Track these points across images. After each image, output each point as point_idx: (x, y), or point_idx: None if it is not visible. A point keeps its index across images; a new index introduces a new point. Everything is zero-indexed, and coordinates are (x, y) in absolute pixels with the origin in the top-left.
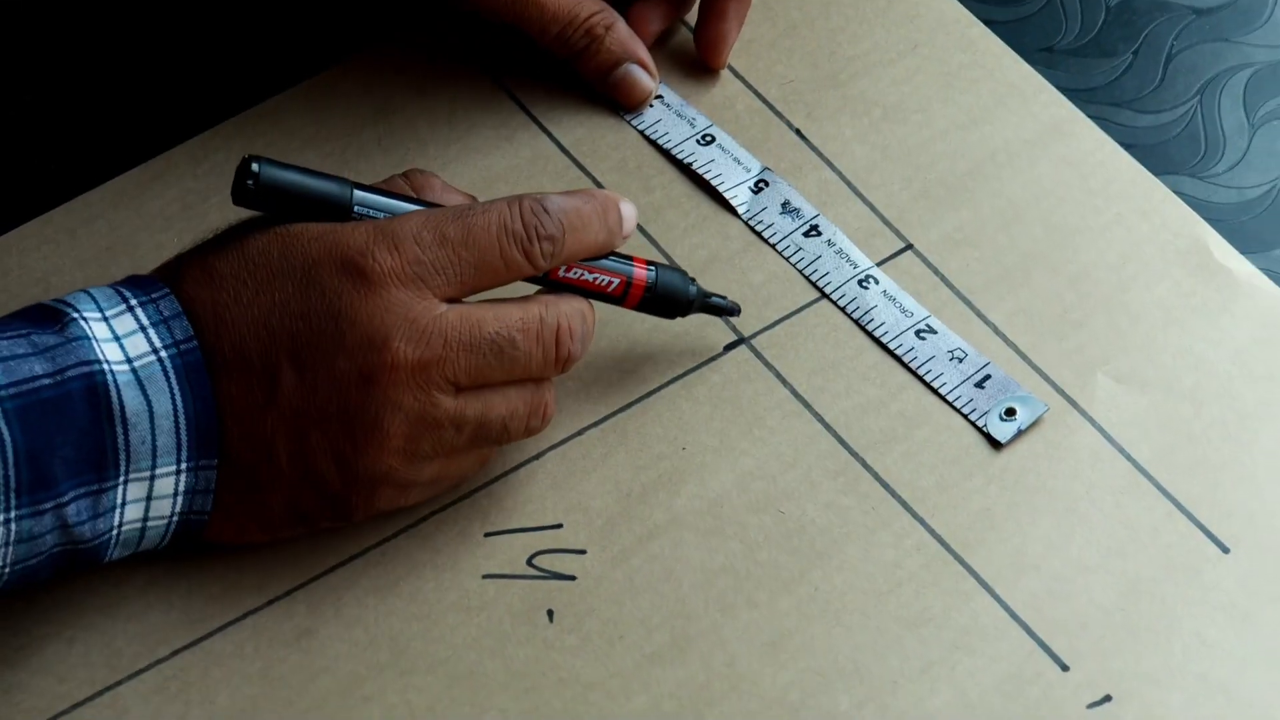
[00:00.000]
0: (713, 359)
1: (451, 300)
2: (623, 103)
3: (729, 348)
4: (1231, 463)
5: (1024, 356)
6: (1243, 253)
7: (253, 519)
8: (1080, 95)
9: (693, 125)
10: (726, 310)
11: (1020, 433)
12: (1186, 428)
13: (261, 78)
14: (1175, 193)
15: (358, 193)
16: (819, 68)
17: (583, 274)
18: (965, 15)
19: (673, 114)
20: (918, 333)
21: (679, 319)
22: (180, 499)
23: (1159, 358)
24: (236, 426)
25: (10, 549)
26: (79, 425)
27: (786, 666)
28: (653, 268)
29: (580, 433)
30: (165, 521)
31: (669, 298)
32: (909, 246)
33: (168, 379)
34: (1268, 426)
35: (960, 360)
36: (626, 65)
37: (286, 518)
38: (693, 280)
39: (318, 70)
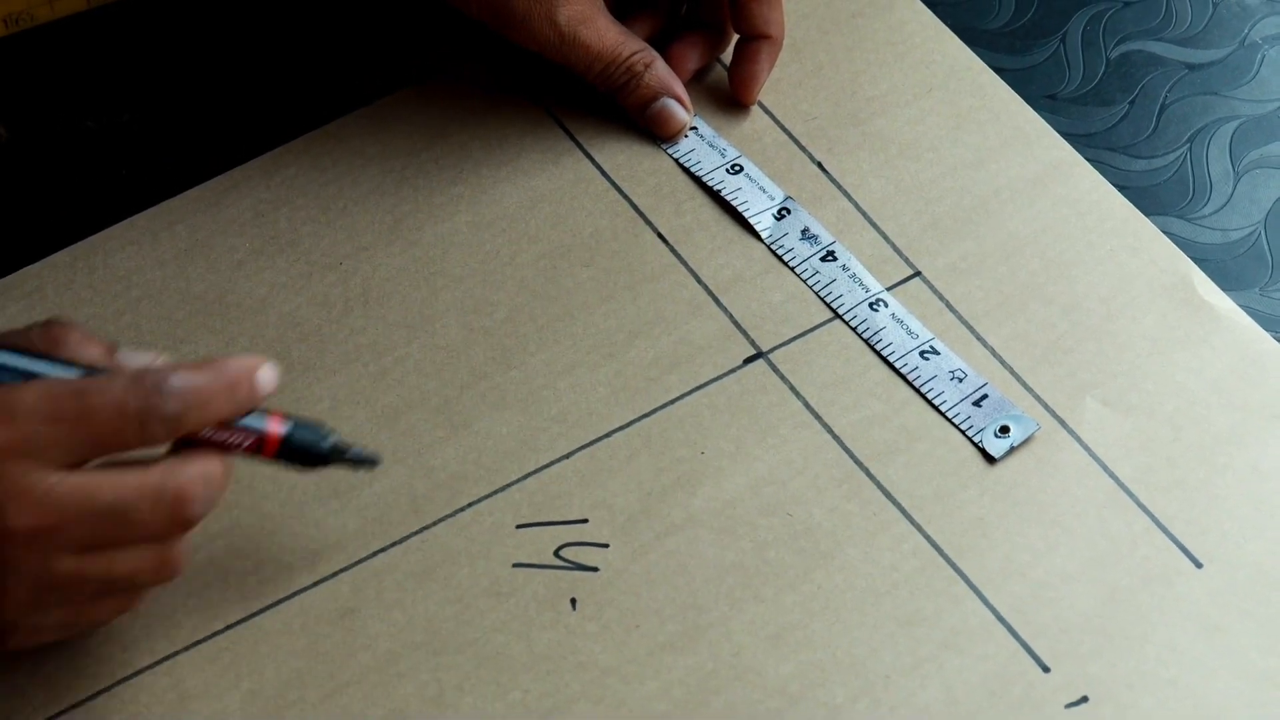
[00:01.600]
0: (732, 371)
1: (70, 468)
2: (659, 134)
3: (748, 361)
4: (1206, 484)
5: (1019, 378)
6: (1224, 290)
7: None
8: (1080, 140)
9: (723, 155)
10: (365, 462)
11: (1013, 449)
12: (1166, 450)
13: (332, 100)
14: (1164, 232)
15: None
16: (841, 106)
17: (214, 433)
18: (977, 63)
19: (705, 144)
20: (922, 353)
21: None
22: None
23: (1143, 384)
24: None
25: None
26: None
27: (788, 659)
28: (290, 422)
29: (607, 435)
30: None
31: (304, 451)
32: (917, 273)
33: None
34: (1241, 451)
35: (960, 380)
36: (664, 100)
37: None
38: (330, 433)
39: (384, 95)
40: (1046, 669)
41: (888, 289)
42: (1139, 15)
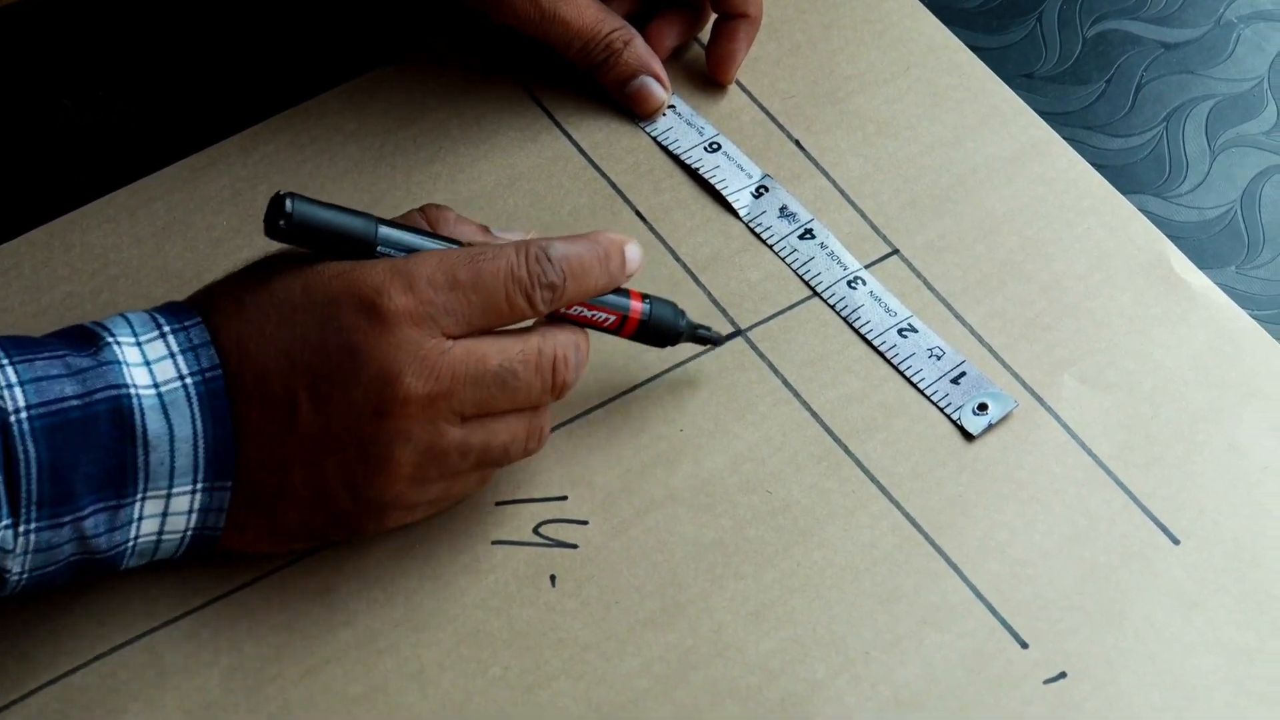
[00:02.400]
0: (711, 349)
1: (457, 338)
2: (637, 111)
3: (726, 339)
4: (1184, 461)
5: (997, 356)
6: (1201, 268)
7: (266, 534)
8: (1056, 119)
9: (701, 134)
10: (711, 340)
11: (991, 426)
12: (1144, 427)
13: (310, 77)
14: (1141, 211)
15: (382, 229)
16: (818, 85)
17: (581, 310)
18: (954, 41)
19: (683, 123)
20: (900, 331)
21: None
22: (195, 515)
23: (1121, 362)
24: (255, 449)
25: (29, 556)
26: (103, 445)
27: (769, 635)
28: (648, 301)
29: (587, 413)
30: (180, 535)
31: (661, 330)
32: (895, 251)
33: (190, 405)
34: (1218, 428)
35: (938, 358)
36: (642, 78)
37: (299, 533)
38: (683, 313)
39: (362, 73)
40: (1025, 645)
41: (866, 267)
42: None
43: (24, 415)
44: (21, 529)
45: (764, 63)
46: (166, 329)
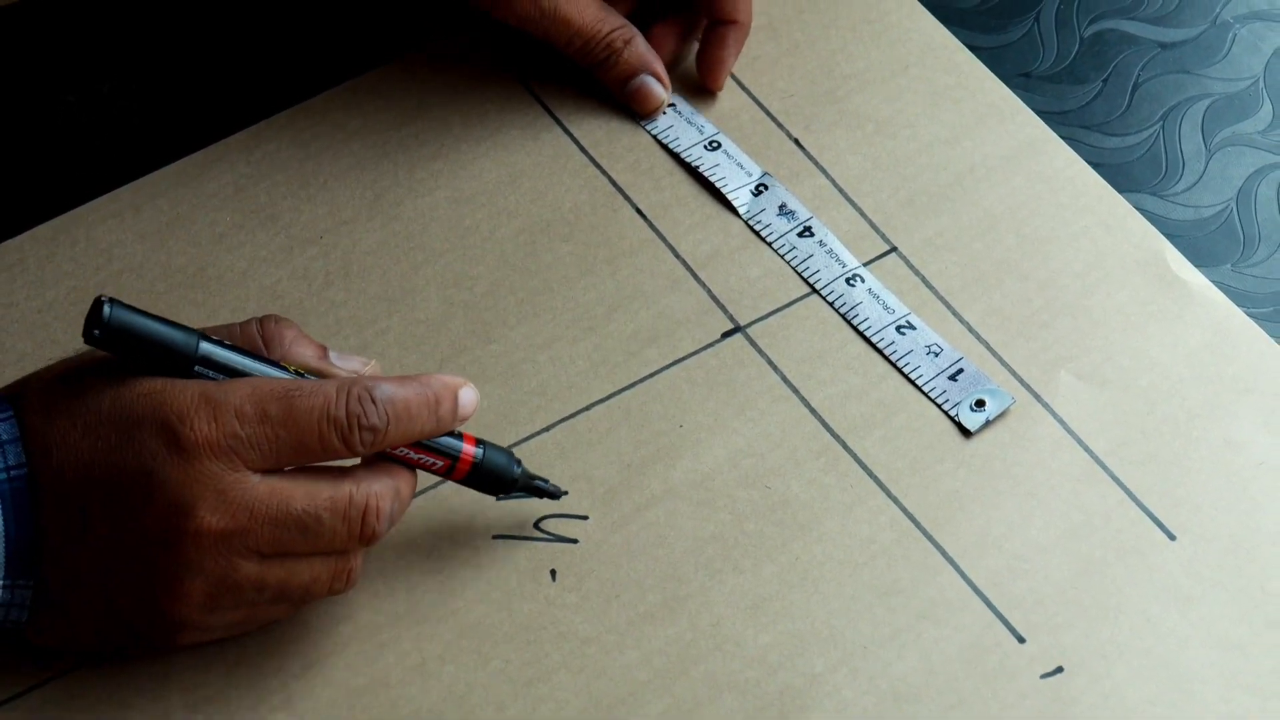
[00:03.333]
0: (710, 345)
1: (264, 472)
2: (638, 110)
3: (726, 335)
4: (1180, 457)
5: (994, 353)
6: (1197, 266)
7: (66, 637)
8: (1054, 117)
9: (701, 132)
10: (548, 494)
11: (988, 422)
12: (1140, 423)
13: (312, 75)
14: (1137, 209)
15: (203, 346)
16: (818, 84)
17: (408, 452)
18: (952, 41)
19: (684, 121)
20: (898, 328)
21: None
22: None
23: (1117, 359)
24: (50, 554)
25: None
26: None
27: (767, 629)
28: (481, 446)
29: (587, 408)
30: None
31: (493, 477)
32: (894, 249)
33: None
34: (1214, 424)
35: (936, 355)
36: (643, 76)
37: (95, 641)
38: (518, 462)
39: (364, 71)
40: (1022, 639)
41: (864, 264)
42: None
43: None
44: None
45: (763, 62)
46: None
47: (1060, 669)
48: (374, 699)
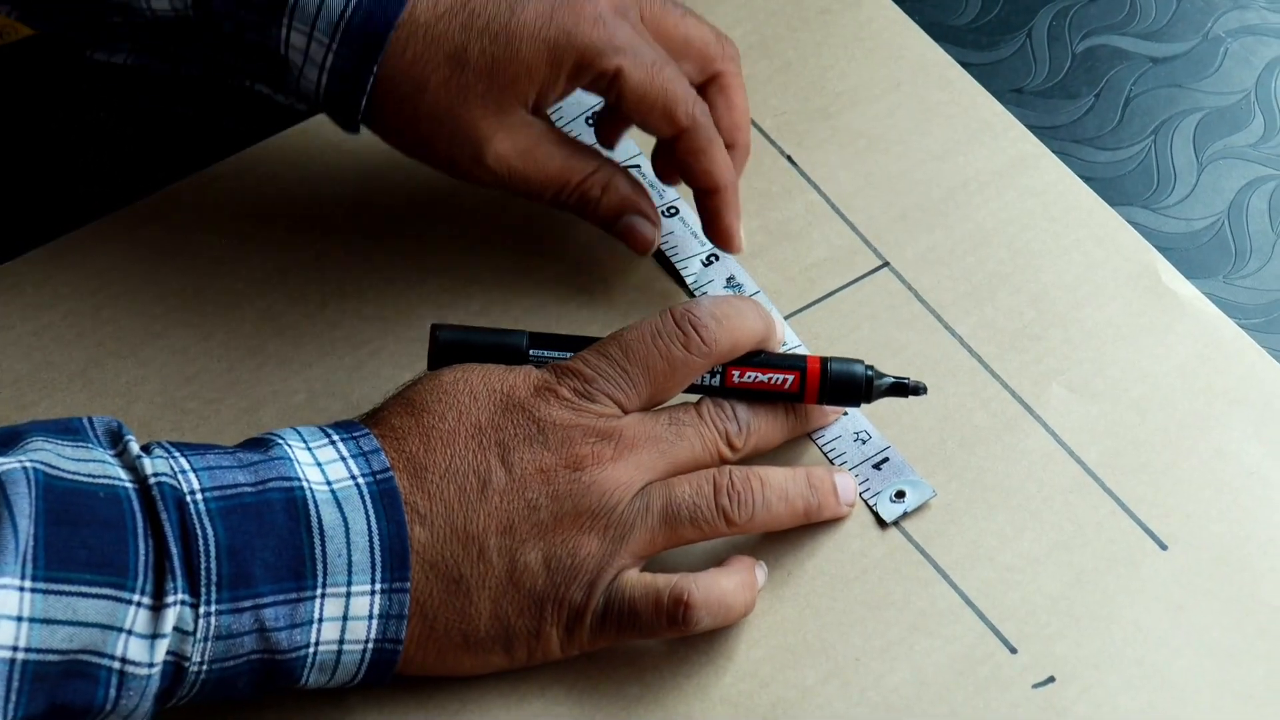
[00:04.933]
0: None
1: (627, 411)
2: (630, 247)
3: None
4: (1171, 467)
5: (987, 366)
6: (1188, 278)
7: (455, 625)
8: (1046, 132)
9: (661, 197)
10: (913, 390)
11: (905, 514)
12: (1131, 434)
13: None
14: (1129, 222)
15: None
16: (810, 101)
17: (756, 376)
18: (944, 57)
19: (646, 184)
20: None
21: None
22: (375, 623)
23: (1108, 370)
24: (446, 527)
25: (209, 644)
26: (278, 531)
27: (760, 643)
28: (825, 359)
29: None
30: (361, 646)
31: (845, 383)
32: (886, 264)
33: (363, 501)
34: (1205, 435)
35: (864, 442)
36: (628, 217)
37: (488, 624)
38: (862, 363)
39: None
40: (1014, 650)
41: (856, 280)
42: (1104, 10)
43: (199, 497)
44: (202, 610)
45: (756, 80)
46: (335, 438)
47: (1052, 679)
48: (365, 714)
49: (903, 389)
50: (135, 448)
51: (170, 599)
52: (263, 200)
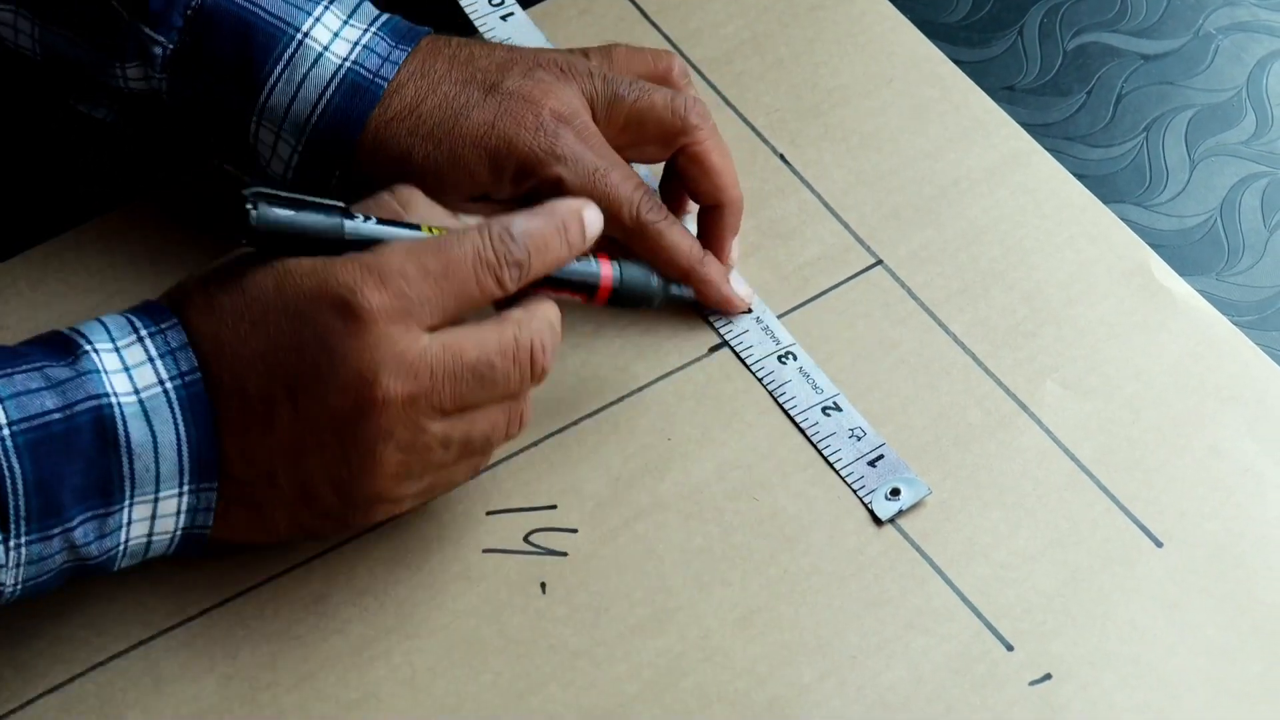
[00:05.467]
0: (698, 359)
1: (434, 329)
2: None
3: (714, 349)
4: (1165, 464)
5: (980, 364)
6: (1181, 275)
7: (255, 529)
8: (1038, 130)
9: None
10: (684, 298)
11: (901, 513)
12: (1125, 431)
13: None
14: (1121, 220)
15: (347, 224)
16: (802, 99)
17: (548, 290)
18: (936, 54)
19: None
20: (824, 409)
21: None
22: (183, 516)
23: (1102, 368)
24: (236, 449)
25: (21, 569)
26: (87, 455)
27: (756, 640)
28: (617, 266)
29: (576, 422)
30: (169, 535)
31: (635, 294)
32: (879, 262)
33: (172, 410)
34: (1199, 432)
35: (858, 439)
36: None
37: (286, 528)
38: (654, 273)
39: None
40: (1010, 647)
41: (850, 278)
42: (1095, 7)
43: (5, 432)
44: (12, 543)
45: (748, 77)
46: (144, 332)
47: (1048, 676)
48: (365, 712)
49: (679, 299)
50: None
51: None
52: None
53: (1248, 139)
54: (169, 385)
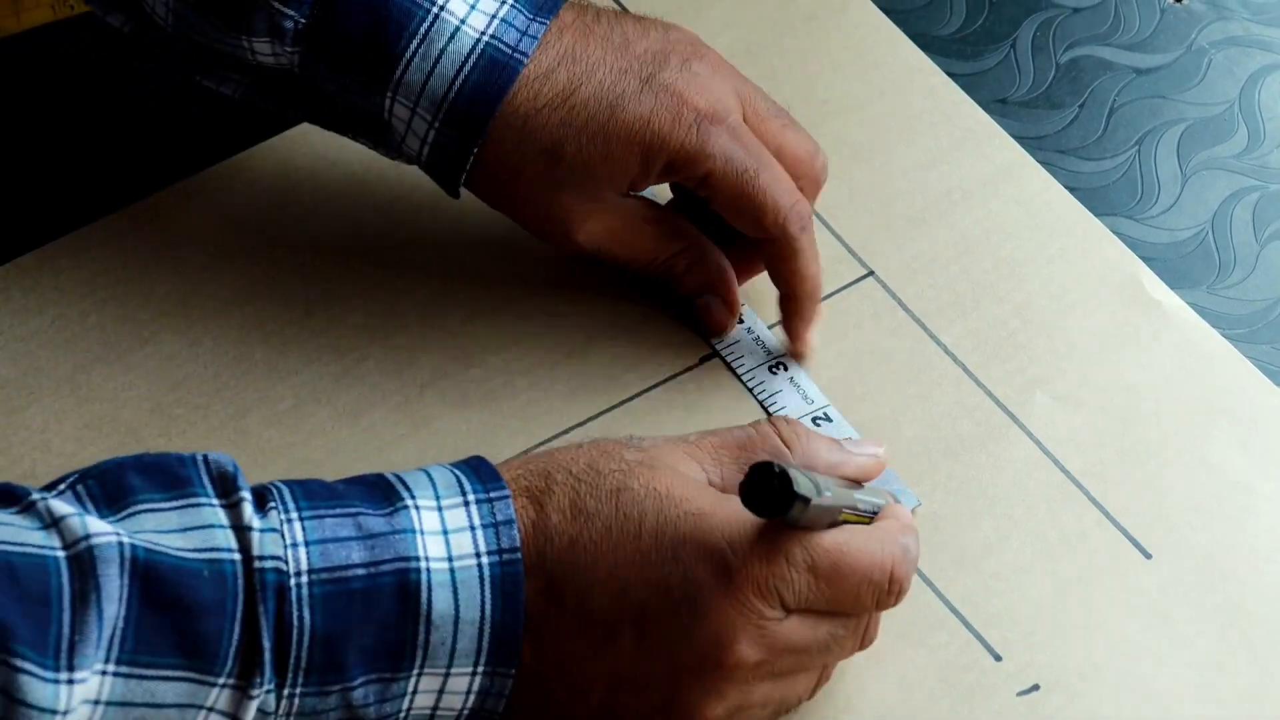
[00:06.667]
0: (689, 369)
1: (793, 613)
2: (705, 325)
3: (704, 359)
4: (1155, 477)
5: (971, 375)
6: (1173, 288)
7: (541, 713)
8: (1030, 142)
9: None
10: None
11: None
12: (1115, 444)
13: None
14: (1113, 232)
15: (822, 496)
16: (795, 110)
17: None
18: (929, 66)
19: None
20: (814, 419)
21: None
22: (473, 696)
23: (1093, 380)
24: (555, 662)
25: (290, 719)
26: (383, 620)
27: None
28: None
29: (567, 431)
30: (456, 713)
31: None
32: (871, 273)
33: (482, 587)
34: (1189, 445)
35: None
36: (707, 296)
37: None
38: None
39: None
40: (998, 658)
41: (842, 289)
42: (1088, 21)
43: (304, 579)
44: (286, 692)
45: None
46: (471, 497)
47: (1036, 686)
48: None
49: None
50: (248, 509)
51: (256, 690)
52: (250, 207)
53: (1239, 153)
54: (484, 560)
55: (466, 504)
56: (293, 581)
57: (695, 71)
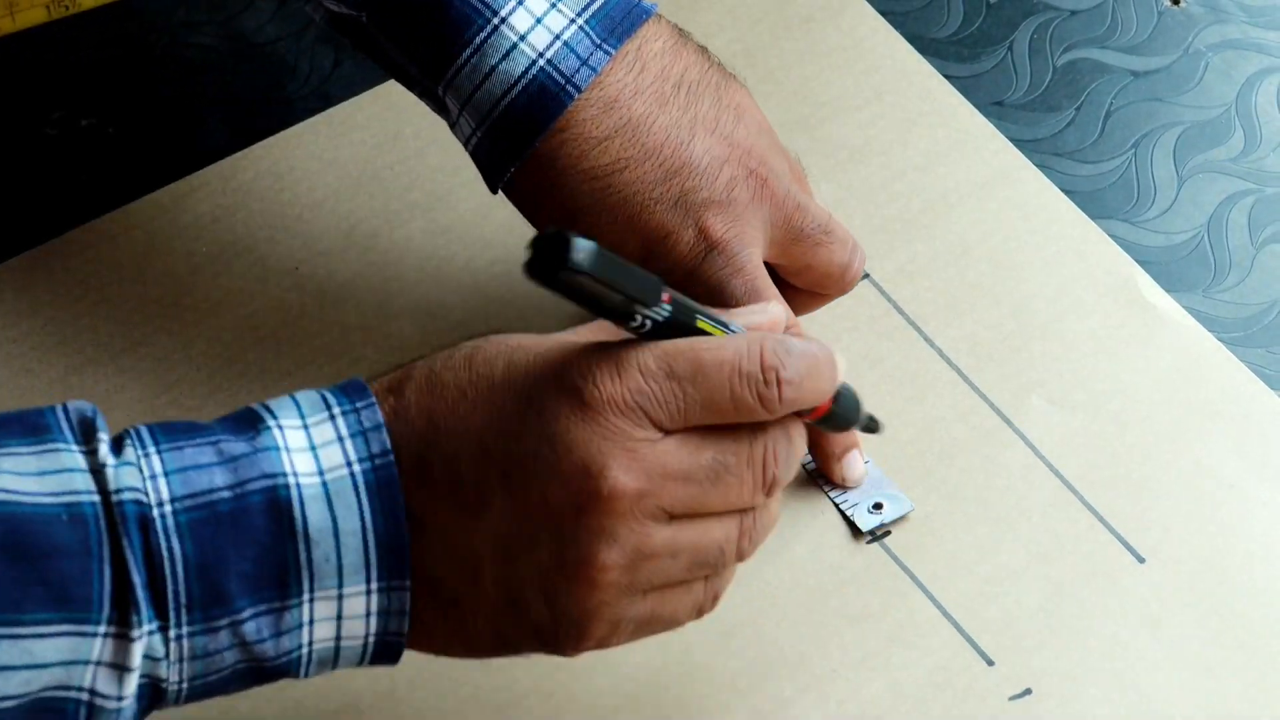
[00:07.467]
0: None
1: (670, 432)
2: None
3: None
4: (1150, 481)
5: (965, 378)
6: (1168, 291)
7: (455, 639)
8: (1027, 145)
9: None
10: (873, 430)
11: (883, 525)
12: (1110, 447)
13: (288, 106)
14: (1109, 235)
15: (666, 290)
16: (791, 112)
17: None
18: (926, 68)
19: None
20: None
21: None
22: (374, 619)
23: (1088, 383)
24: (439, 543)
25: (185, 664)
26: (257, 539)
27: (737, 655)
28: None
29: None
30: (360, 641)
31: (843, 419)
32: (866, 275)
33: (357, 495)
34: (1183, 449)
35: None
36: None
37: (490, 642)
38: (859, 402)
39: (340, 100)
40: (991, 662)
41: None
42: (1085, 24)
43: (168, 509)
44: (173, 634)
45: None
46: (336, 410)
47: (1029, 691)
48: (363, 702)
49: (871, 428)
50: (105, 449)
51: (136, 632)
52: (243, 209)
53: (1236, 156)
54: (356, 468)
55: (333, 418)
56: (155, 512)
57: (734, 198)
